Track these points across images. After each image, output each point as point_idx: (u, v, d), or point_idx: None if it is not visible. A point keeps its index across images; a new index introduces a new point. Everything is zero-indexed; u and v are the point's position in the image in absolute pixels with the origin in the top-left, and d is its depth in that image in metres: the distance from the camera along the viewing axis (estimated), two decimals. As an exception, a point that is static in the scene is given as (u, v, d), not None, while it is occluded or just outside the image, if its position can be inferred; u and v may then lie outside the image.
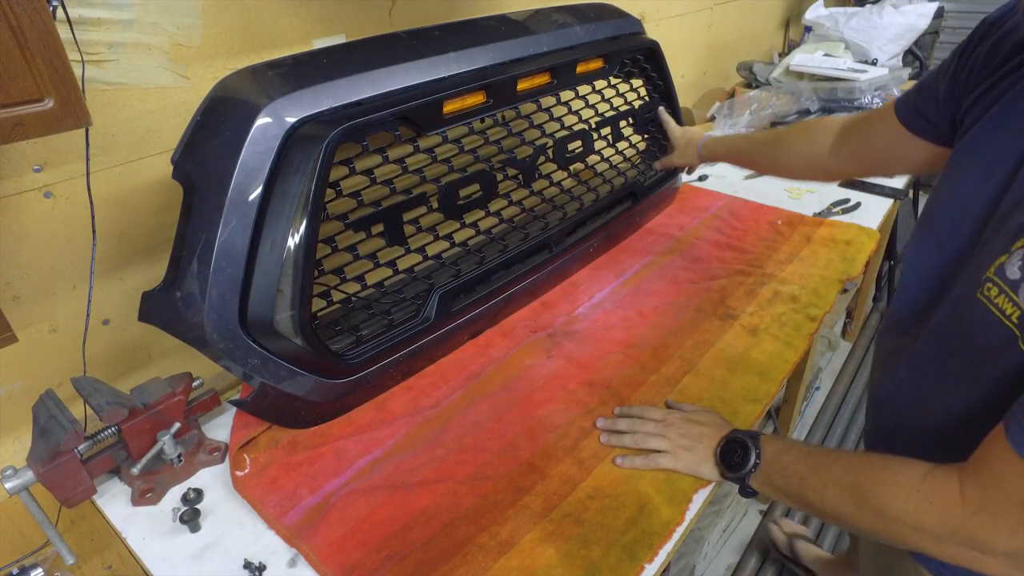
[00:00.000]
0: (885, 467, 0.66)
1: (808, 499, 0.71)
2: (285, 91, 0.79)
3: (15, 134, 0.60)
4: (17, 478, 0.75)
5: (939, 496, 0.60)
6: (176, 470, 0.88)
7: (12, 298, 0.89)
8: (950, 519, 0.59)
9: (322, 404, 0.93)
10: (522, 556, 0.75)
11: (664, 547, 0.76)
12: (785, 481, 0.75)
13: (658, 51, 1.33)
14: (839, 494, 0.68)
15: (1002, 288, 0.55)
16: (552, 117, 1.18)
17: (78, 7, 0.82)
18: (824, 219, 1.48)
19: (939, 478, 0.61)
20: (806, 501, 0.72)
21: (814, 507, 0.71)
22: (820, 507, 0.70)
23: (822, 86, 1.93)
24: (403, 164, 0.95)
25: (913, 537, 0.63)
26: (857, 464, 0.68)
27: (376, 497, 0.83)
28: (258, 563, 0.77)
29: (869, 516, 0.65)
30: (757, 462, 0.78)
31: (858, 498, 0.66)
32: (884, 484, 0.64)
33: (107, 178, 0.92)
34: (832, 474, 0.70)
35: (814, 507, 0.71)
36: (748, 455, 0.78)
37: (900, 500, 0.62)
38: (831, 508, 0.69)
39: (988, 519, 0.57)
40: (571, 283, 1.29)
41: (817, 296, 1.19)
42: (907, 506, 0.62)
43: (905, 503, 0.62)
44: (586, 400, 0.98)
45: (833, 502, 0.68)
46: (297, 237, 0.79)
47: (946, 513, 0.59)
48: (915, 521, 0.61)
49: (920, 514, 0.61)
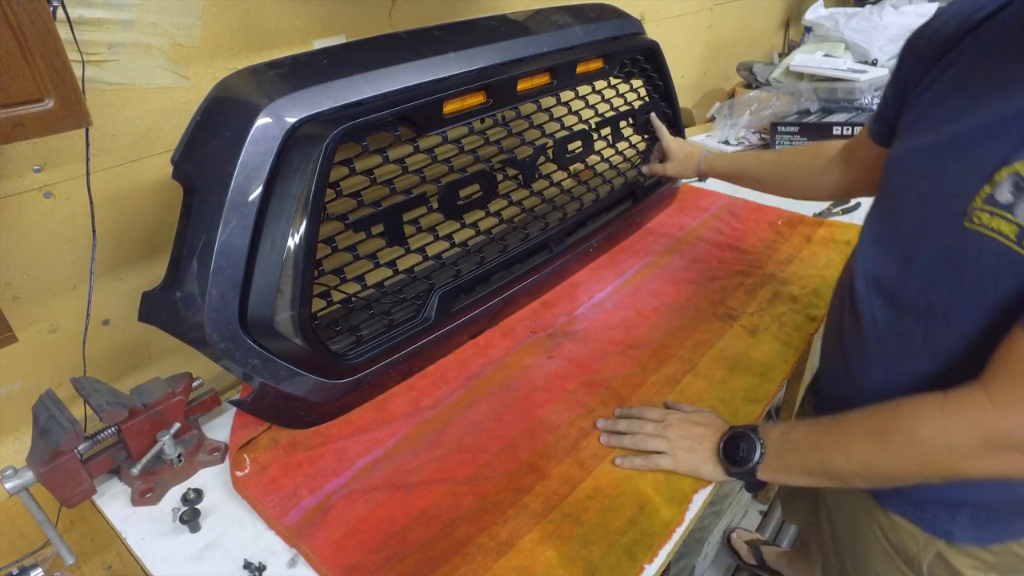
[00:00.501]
0: (901, 404, 0.66)
1: (831, 463, 0.71)
2: (285, 91, 0.79)
3: (15, 134, 0.60)
4: (17, 478, 0.75)
5: (966, 407, 0.61)
6: (176, 470, 0.88)
7: (12, 298, 0.89)
8: (981, 424, 0.60)
9: (322, 404, 0.93)
10: (522, 556, 0.75)
11: (664, 547, 0.76)
12: (800, 457, 0.74)
13: (658, 51, 1.34)
14: (863, 443, 0.68)
15: (995, 212, 0.59)
16: (552, 117, 1.18)
17: (78, 7, 0.82)
18: (824, 219, 1.48)
19: (961, 393, 0.62)
20: (828, 466, 0.71)
21: (837, 470, 0.70)
22: (846, 467, 0.69)
23: (822, 86, 1.93)
24: (403, 164, 0.95)
25: (948, 457, 0.62)
26: (871, 412, 0.69)
27: (376, 497, 0.83)
28: (258, 563, 0.77)
29: (900, 451, 0.65)
30: (763, 451, 0.78)
31: (884, 438, 0.66)
32: (907, 417, 0.65)
33: (107, 178, 0.93)
34: (848, 429, 0.70)
35: (837, 470, 0.70)
36: (753, 447, 0.78)
37: (928, 423, 0.63)
38: (858, 461, 0.68)
39: (1017, 411, 0.58)
40: (571, 283, 1.29)
41: (817, 296, 1.19)
42: (937, 425, 0.62)
43: (935, 423, 0.63)
44: (586, 400, 0.98)
45: (859, 454, 0.68)
46: (297, 237, 0.79)
47: (976, 420, 0.60)
48: (948, 438, 0.62)
49: (951, 429, 0.62)
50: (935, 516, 0.78)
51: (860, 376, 0.80)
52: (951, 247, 0.65)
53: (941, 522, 0.78)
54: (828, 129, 1.77)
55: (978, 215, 0.61)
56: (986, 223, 0.60)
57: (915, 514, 0.80)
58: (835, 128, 1.76)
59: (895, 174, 0.74)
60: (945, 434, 0.62)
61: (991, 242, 0.60)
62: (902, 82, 0.77)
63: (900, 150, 0.75)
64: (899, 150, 0.75)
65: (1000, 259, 0.59)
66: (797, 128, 1.81)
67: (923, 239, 0.68)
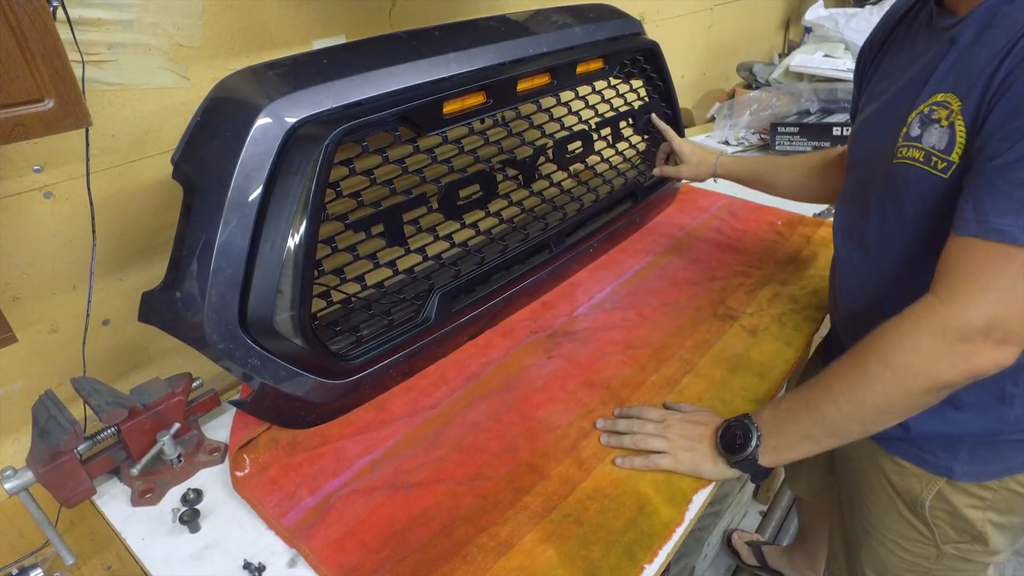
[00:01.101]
0: (870, 336, 0.72)
1: (824, 415, 0.74)
2: (285, 91, 0.79)
3: (15, 134, 0.60)
4: (17, 478, 0.75)
5: (919, 311, 0.68)
6: (176, 470, 0.88)
7: (12, 298, 0.89)
8: (934, 321, 0.66)
9: (322, 404, 0.93)
10: (522, 557, 0.75)
11: (664, 547, 0.76)
12: (795, 421, 0.77)
13: (658, 52, 1.34)
14: (846, 382, 0.72)
15: (910, 145, 0.74)
16: (552, 118, 1.18)
17: (78, 7, 0.82)
18: (824, 220, 1.48)
19: (916, 304, 0.69)
20: (823, 419, 0.74)
21: (832, 419, 0.73)
22: (837, 413, 0.73)
23: (822, 87, 1.93)
24: (403, 164, 0.95)
25: (920, 364, 0.67)
26: (848, 354, 0.74)
27: (376, 498, 0.83)
28: (258, 563, 0.77)
29: (877, 375, 0.69)
30: (759, 433, 0.79)
31: (861, 369, 0.71)
32: (875, 339, 0.71)
33: (107, 178, 0.93)
34: (831, 377, 0.75)
35: (832, 419, 0.73)
36: (749, 432, 0.80)
37: (892, 337, 0.69)
38: (846, 401, 0.72)
39: (961, 300, 0.65)
40: (571, 283, 1.29)
41: (817, 297, 1.19)
42: (900, 335, 0.69)
43: (896, 334, 0.69)
44: (586, 400, 0.98)
45: (846, 393, 0.72)
46: (297, 237, 0.79)
47: (930, 319, 0.67)
48: (911, 343, 0.67)
49: (909, 334, 0.68)
50: (936, 455, 0.84)
51: (849, 320, 0.91)
52: (886, 182, 0.78)
53: (942, 460, 0.84)
54: (828, 130, 1.77)
55: (901, 150, 0.75)
56: (904, 155, 0.74)
57: (918, 455, 0.86)
58: (835, 129, 1.76)
59: (853, 142, 0.91)
60: (908, 340, 0.68)
61: (910, 168, 0.74)
62: (859, 77, 0.96)
63: (856, 124, 0.91)
64: (856, 124, 0.91)
65: (920, 181, 0.73)
66: (797, 129, 1.81)
67: (871, 184, 0.82)
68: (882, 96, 0.83)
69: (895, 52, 0.86)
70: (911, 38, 0.83)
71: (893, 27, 0.88)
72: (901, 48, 0.85)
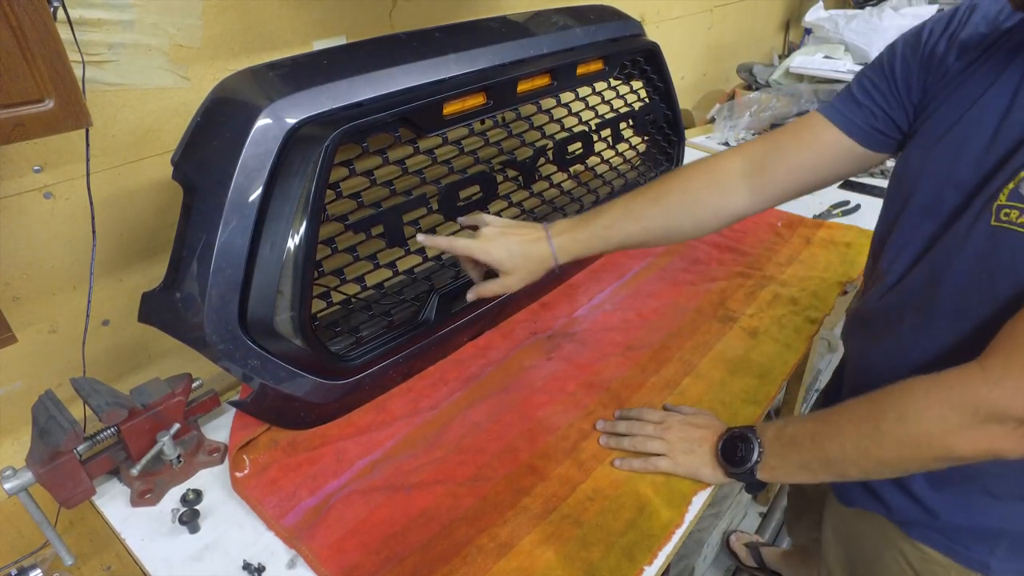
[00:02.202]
0: (895, 386, 0.66)
1: (827, 453, 0.70)
2: (285, 92, 0.79)
3: (15, 135, 0.60)
4: (16, 479, 0.75)
5: (958, 380, 0.61)
6: (175, 471, 0.88)
7: (12, 298, 0.89)
8: (972, 396, 0.59)
9: (322, 405, 0.93)
10: (521, 558, 0.75)
11: (663, 549, 0.76)
12: (798, 450, 0.74)
13: (658, 53, 1.33)
14: (857, 428, 0.67)
15: (1017, 207, 0.60)
16: (552, 119, 1.18)
17: (79, 8, 0.82)
18: (824, 221, 1.48)
19: (955, 369, 0.62)
20: (825, 456, 0.70)
21: (833, 459, 0.70)
22: (840, 454, 0.69)
23: (822, 88, 1.94)
24: (403, 165, 0.95)
25: (937, 433, 0.62)
26: (866, 398, 0.68)
27: (375, 498, 0.83)
28: (257, 564, 0.77)
29: (891, 431, 0.64)
30: (761, 450, 0.77)
31: (876, 419, 0.65)
32: (899, 394, 0.65)
33: (107, 179, 0.93)
34: (843, 416, 0.70)
35: (833, 459, 0.70)
36: (751, 446, 0.78)
37: (919, 398, 0.63)
38: (852, 447, 0.67)
39: (1012, 383, 0.57)
40: (570, 285, 1.29)
41: (817, 298, 1.19)
42: (927, 399, 0.62)
43: (925, 398, 0.62)
44: (585, 402, 0.98)
45: (853, 439, 0.67)
46: (297, 238, 0.79)
47: (967, 392, 0.60)
48: (937, 412, 0.61)
49: (941, 402, 0.61)
50: (969, 548, 0.74)
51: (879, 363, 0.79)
52: (977, 247, 0.64)
53: (976, 554, 0.74)
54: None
55: (1005, 211, 0.61)
56: (1014, 219, 0.61)
57: (946, 544, 0.76)
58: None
59: (915, 174, 0.72)
60: (935, 408, 0.61)
61: (1017, 236, 0.61)
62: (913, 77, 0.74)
63: (918, 150, 0.73)
64: (917, 150, 0.73)
65: None
66: (797, 130, 1.81)
67: (949, 240, 0.68)
68: (970, 127, 0.67)
69: (991, 70, 0.67)
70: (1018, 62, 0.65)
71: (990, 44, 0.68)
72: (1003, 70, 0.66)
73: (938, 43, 0.72)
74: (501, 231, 0.85)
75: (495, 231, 0.85)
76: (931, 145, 0.71)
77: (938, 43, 0.72)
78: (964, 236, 0.66)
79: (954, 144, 0.68)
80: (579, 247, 0.87)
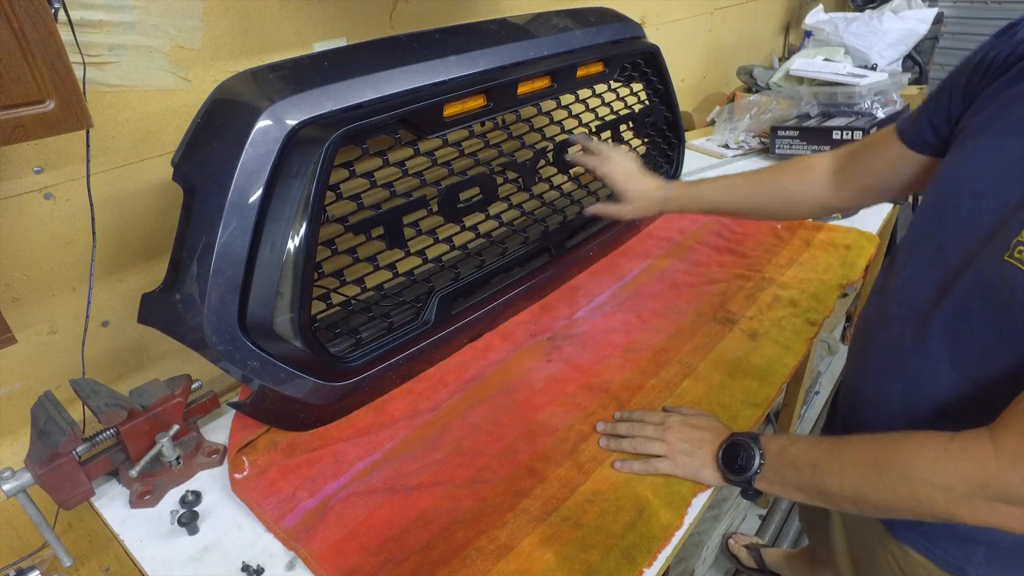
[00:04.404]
0: (906, 438, 0.65)
1: (824, 485, 0.70)
2: (286, 94, 0.79)
3: (16, 136, 0.60)
4: (15, 480, 0.75)
5: (969, 452, 0.60)
6: (175, 472, 0.88)
7: (12, 299, 0.89)
8: (981, 473, 0.59)
9: (321, 407, 0.93)
10: (520, 560, 0.75)
11: (663, 551, 0.76)
12: (797, 473, 0.74)
13: (658, 55, 1.34)
14: (859, 472, 0.67)
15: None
16: (552, 121, 1.18)
17: (79, 9, 0.82)
18: (824, 223, 1.48)
19: (968, 437, 0.61)
20: (822, 488, 0.70)
21: (830, 493, 0.70)
22: (838, 491, 0.69)
23: (822, 91, 1.94)
24: (403, 167, 0.95)
25: (941, 500, 0.61)
26: (874, 441, 0.68)
27: (375, 500, 0.83)
28: (256, 566, 0.77)
29: (894, 485, 0.64)
30: (762, 462, 0.77)
31: (881, 469, 0.65)
32: (908, 451, 0.64)
33: (107, 180, 0.93)
34: (848, 454, 0.69)
35: (830, 493, 0.70)
36: (752, 456, 0.78)
37: (928, 462, 0.62)
38: (851, 488, 0.67)
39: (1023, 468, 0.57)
40: (571, 287, 1.29)
41: (817, 300, 1.19)
42: (936, 466, 0.61)
43: (933, 464, 0.61)
44: (585, 404, 0.98)
45: (854, 481, 0.67)
46: (297, 240, 0.79)
47: (977, 468, 0.59)
48: (944, 481, 0.61)
49: (949, 473, 0.60)
50: (947, 552, 0.76)
51: (875, 390, 0.78)
52: (988, 278, 0.63)
53: (954, 559, 0.76)
54: (828, 133, 1.77)
55: (1020, 249, 0.60)
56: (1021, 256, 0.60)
57: (926, 547, 0.78)
58: (835, 132, 1.76)
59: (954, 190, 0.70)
60: (942, 476, 0.61)
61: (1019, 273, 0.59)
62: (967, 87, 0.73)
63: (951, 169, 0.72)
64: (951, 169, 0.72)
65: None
66: (797, 132, 1.81)
67: (965, 266, 0.66)
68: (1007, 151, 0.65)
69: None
70: None
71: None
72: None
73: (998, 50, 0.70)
74: (639, 168, 1.09)
75: (634, 167, 1.08)
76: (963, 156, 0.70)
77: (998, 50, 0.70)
78: (976, 256, 0.65)
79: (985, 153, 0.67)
80: (686, 202, 1.06)
